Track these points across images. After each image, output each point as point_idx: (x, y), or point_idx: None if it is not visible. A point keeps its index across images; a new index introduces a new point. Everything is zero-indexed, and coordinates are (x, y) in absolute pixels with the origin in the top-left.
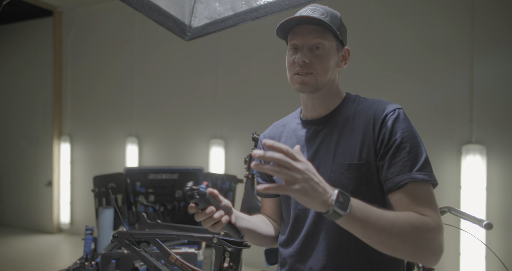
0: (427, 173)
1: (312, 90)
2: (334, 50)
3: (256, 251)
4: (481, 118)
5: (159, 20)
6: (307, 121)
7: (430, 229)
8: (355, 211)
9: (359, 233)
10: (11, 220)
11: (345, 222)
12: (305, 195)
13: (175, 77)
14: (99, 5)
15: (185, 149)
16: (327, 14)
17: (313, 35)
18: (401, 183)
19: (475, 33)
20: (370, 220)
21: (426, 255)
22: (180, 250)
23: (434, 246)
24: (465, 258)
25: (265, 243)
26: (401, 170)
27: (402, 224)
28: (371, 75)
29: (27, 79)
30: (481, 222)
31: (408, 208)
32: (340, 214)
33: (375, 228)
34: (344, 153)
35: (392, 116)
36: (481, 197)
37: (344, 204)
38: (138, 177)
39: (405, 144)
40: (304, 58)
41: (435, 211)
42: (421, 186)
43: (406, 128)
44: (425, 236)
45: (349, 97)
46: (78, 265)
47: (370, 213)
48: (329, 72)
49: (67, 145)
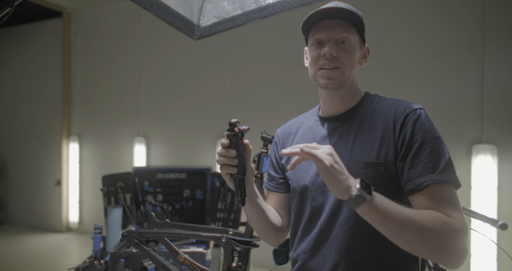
0: (449, 175)
1: (337, 86)
2: (358, 46)
3: (265, 251)
4: (492, 118)
5: (167, 20)
6: (325, 118)
7: (453, 229)
8: (377, 199)
9: (380, 224)
10: (21, 219)
11: (366, 210)
12: (333, 174)
13: (182, 77)
14: (107, 6)
15: (192, 149)
16: (352, 10)
17: (339, 29)
18: (423, 185)
19: (485, 31)
20: (392, 211)
21: (447, 256)
22: (189, 250)
23: (456, 247)
24: (476, 259)
25: (266, 229)
26: (423, 171)
27: (423, 220)
28: (382, 75)
29: (37, 80)
30: (495, 222)
31: (430, 209)
32: (365, 197)
33: (396, 220)
34: (361, 151)
35: (413, 116)
36: (492, 198)
37: (367, 189)
38: (146, 176)
39: (427, 144)
40: (331, 51)
41: (459, 213)
42: (444, 187)
43: (427, 129)
44: (447, 235)
45: (368, 96)
46: (87, 263)
47: (391, 204)
48: (354, 68)
49: (76, 144)
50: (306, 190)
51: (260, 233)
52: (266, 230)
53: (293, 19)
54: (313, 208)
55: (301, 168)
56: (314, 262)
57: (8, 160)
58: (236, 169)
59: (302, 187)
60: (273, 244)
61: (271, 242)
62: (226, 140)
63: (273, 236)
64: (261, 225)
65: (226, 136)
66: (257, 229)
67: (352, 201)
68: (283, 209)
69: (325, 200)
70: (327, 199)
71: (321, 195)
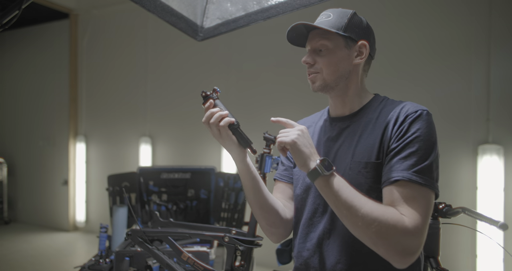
0: (423, 177)
1: (322, 89)
2: (341, 48)
3: (268, 250)
4: (498, 118)
5: (171, 21)
6: (333, 119)
7: (402, 227)
8: (334, 179)
9: (331, 201)
10: (28, 218)
11: (321, 185)
12: (297, 148)
13: (187, 77)
14: (114, 7)
15: (197, 149)
16: (334, 15)
17: (316, 38)
18: (393, 179)
19: (491, 31)
20: (344, 193)
21: (388, 250)
22: (192, 249)
23: (400, 245)
24: (482, 261)
25: (265, 211)
26: (399, 167)
27: (373, 208)
28: (386, 76)
29: (44, 81)
30: (496, 223)
31: (391, 204)
32: (320, 172)
33: (347, 201)
34: (363, 151)
35: (413, 115)
36: (499, 198)
37: (327, 167)
38: (151, 176)
39: (415, 144)
40: (307, 60)
41: (419, 215)
42: (413, 187)
43: (423, 130)
44: (393, 230)
45: (377, 98)
46: (93, 262)
47: (347, 188)
48: (339, 71)
49: (83, 144)
50: (312, 187)
51: (262, 218)
52: (263, 206)
53: (297, 20)
54: (317, 205)
55: None
56: (316, 259)
57: (16, 159)
58: (233, 119)
59: (308, 183)
60: (276, 236)
61: (274, 232)
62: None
63: (277, 223)
64: (260, 203)
65: (204, 99)
66: (255, 206)
67: (310, 173)
68: (290, 201)
69: None
70: None
71: None
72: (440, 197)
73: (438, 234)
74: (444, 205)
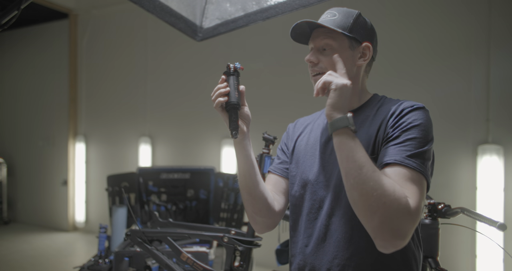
0: (417, 162)
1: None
2: (346, 49)
3: (267, 250)
4: (498, 118)
5: (170, 21)
6: None
7: (405, 204)
8: (354, 135)
9: (344, 159)
10: (28, 218)
11: (343, 137)
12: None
13: (187, 78)
14: (113, 7)
15: (197, 149)
16: (339, 14)
17: (321, 37)
18: (387, 161)
19: (491, 32)
20: (362, 151)
21: (383, 224)
22: (192, 249)
23: (397, 221)
24: (481, 261)
25: (253, 197)
26: (393, 152)
27: (383, 176)
28: (386, 76)
29: (44, 81)
30: (494, 223)
31: None
32: (348, 122)
33: (361, 159)
34: None
35: (410, 108)
36: (499, 199)
37: (354, 124)
38: (150, 176)
39: (410, 130)
40: (310, 58)
41: (418, 198)
42: (409, 171)
43: (419, 120)
44: (395, 203)
45: (375, 98)
46: (92, 262)
47: (364, 151)
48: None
49: (82, 144)
50: (308, 183)
51: (250, 204)
52: (251, 192)
53: (297, 20)
54: (314, 201)
55: (306, 162)
56: (313, 255)
57: (15, 160)
58: (227, 97)
59: (305, 180)
60: (260, 225)
61: (258, 221)
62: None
63: (263, 212)
64: (249, 187)
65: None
66: (244, 191)
67: (338, 120)
68: (281, 194)
69: (326, 194)
70: (328, 193)
71: (322, 189)
72: (439, 197)
73: (437, 234)
74: (443, 205)
